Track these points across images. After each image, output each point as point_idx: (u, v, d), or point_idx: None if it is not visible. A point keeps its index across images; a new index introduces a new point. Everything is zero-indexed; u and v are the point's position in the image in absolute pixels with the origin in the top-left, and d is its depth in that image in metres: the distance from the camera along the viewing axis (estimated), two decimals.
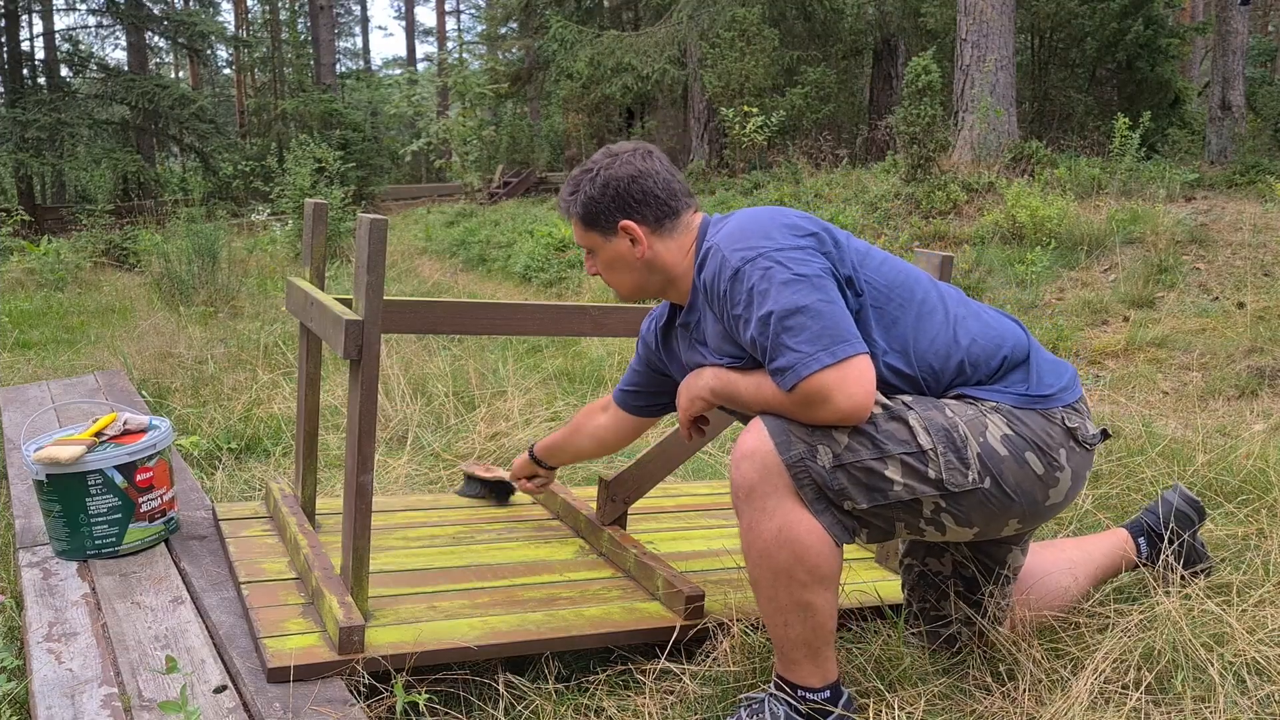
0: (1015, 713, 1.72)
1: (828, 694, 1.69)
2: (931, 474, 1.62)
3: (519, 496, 2.78)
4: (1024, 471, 1.67)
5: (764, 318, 1.59)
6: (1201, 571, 2.22)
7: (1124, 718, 1.65)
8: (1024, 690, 1.76)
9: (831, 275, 1.64)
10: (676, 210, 1.82)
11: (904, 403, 1.66)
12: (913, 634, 2.01)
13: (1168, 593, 1.97)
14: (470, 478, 2.78)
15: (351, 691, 1.71)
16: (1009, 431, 1.67)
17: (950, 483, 1.63)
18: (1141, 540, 2.23)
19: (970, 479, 1.63)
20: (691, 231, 1.83)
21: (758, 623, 1.93)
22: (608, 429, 2.21)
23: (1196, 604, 1.94)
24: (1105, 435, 1.82)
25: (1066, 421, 1.73)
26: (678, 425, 2.30)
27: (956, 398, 1.72)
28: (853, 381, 1.56)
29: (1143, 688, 1.72)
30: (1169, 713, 1.69)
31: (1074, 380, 1.80)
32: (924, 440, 1.62)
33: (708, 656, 1.92)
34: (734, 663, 1.85)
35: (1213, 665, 1.74)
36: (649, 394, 2.11)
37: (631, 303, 2.03)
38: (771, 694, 1.70)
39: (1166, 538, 2.19)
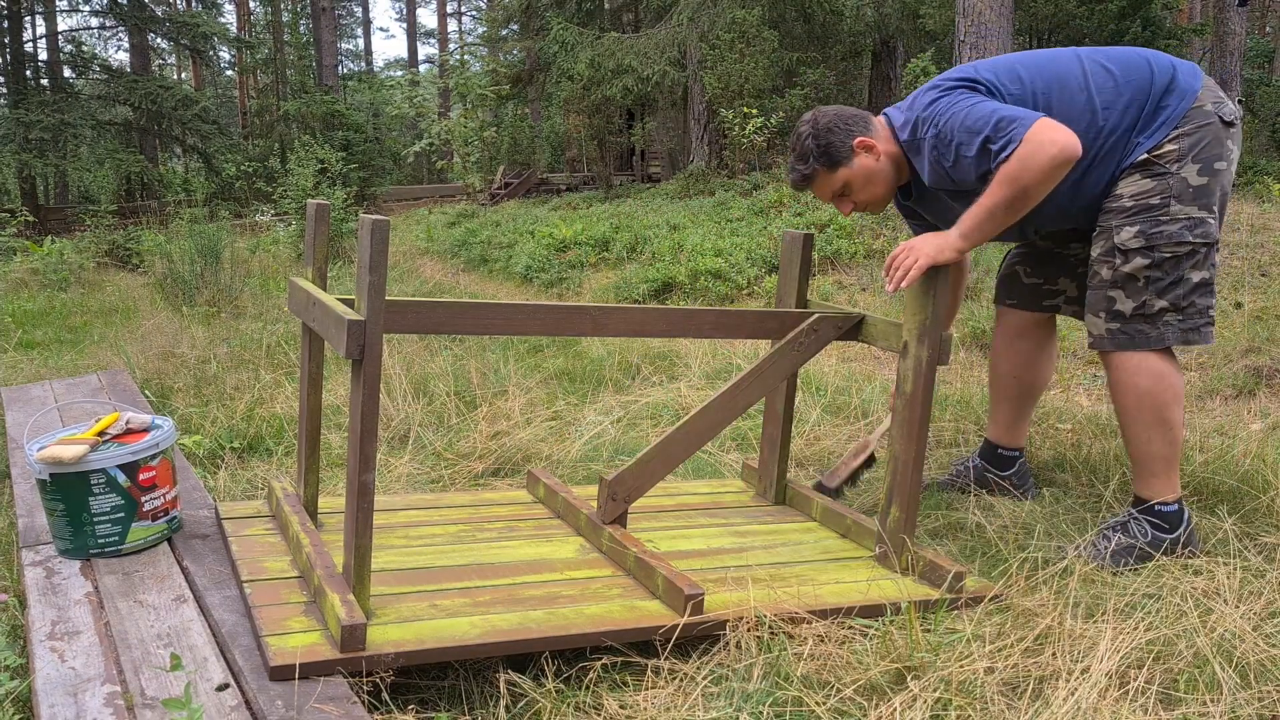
0: (1021, 712, 1.73)
1: (1176, 507, 2.37)
2: (1204, 250, 2.33)
3: (519, 496, 2.79)
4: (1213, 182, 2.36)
5: (976, 150, 2.21)
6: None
7: (1131, 715, 1.66)
8: (1027, 692, 1.77)
9: (987, 92, 2.31)
10: (867, 117, 2.41)
11: (1170, 237, 2.31)
12: (1011, 302, 2.78)
13: (1174, 591, 1.98)
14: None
15: (353, 689, 1.72)
16: (1200, 180, 2.32)
17: (1208, 236, 2.33)
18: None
19: (1210, 223, 2.33)
20: (882, 126, 2.43)
21: (756, 622, 1.95)
22: None
23: (1201, 603, 1.95)
24: None
25: None
26: (679, 422, 2.32)
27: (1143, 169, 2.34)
28: (1052, 126, 2.14)
29: (1154, 685, 1.73)
30: (1174, 710, 1.71)
31: None
32: (1193, 237, 2.31)
33: (708, 655, 1.93)
34: (734, 660, 1.87)
35: (1217, 664, 1.75)
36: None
37: (884, 208, 2.51)
38: (1134, 515, 2.39)
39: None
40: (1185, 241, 2.31)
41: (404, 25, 40.56)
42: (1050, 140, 2.12)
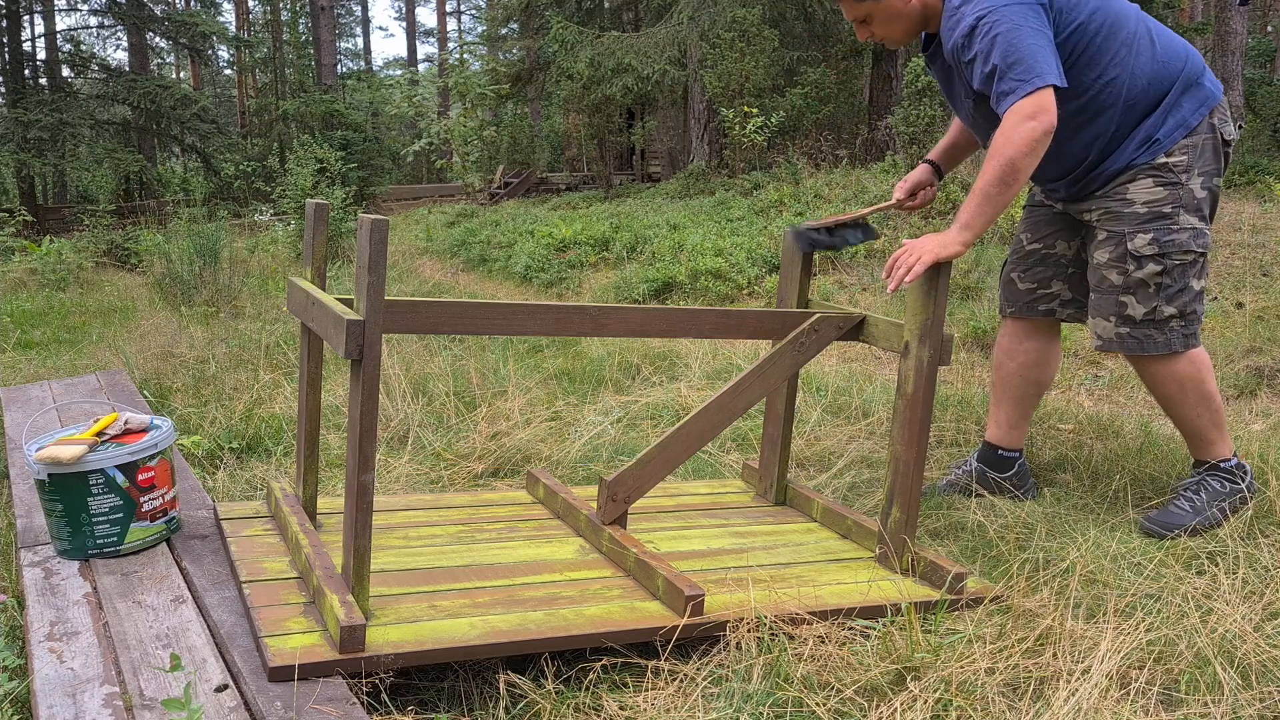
0: (1022, 713, 1.72)
1: (1235, 460, 2.57)
2: (1203, 259, 2.44)
3: (519, 496, 2.78)
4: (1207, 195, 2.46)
5: (984, 73, 2.24)
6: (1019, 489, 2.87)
7: (1132, 716, 1.66)
8: (1028, 693, 1.76)
9: (1044, 19, 2.24)
10: None
11: (1175, 243, 2.39)
12: (1011, 311, 2.80)
13: (1175, 591, 1.97)
14: (806, 231, 2.54)
15: (352, 690, 1.72)
16: (1202, 194, 2.42)
17: (1206, 246, 2.44)
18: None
19: (1208, 234, 2.43)
20: None
21: (757, 622, 1.94)
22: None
23: (1202, 603, 1.94)
24: None
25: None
26: (679, 423, 2.31)
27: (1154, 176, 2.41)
28: (1037, 105, 2.18)
29: (1155, 686, 1.73)
30: (1175, 711, 1.70)
31: None
32: (1197, 246, 2.40)
33: (708, 655, 1.93)
34: (735, 661, 1.86)
35: (1219, 664, 1.74)
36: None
37: (903, 45, 2.58)
38: (1204, 475, 2.56)
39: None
40: (1191, 250, 2.41)
41: (403, 24, 40.58)
42: (1030, 117, 2.18)
